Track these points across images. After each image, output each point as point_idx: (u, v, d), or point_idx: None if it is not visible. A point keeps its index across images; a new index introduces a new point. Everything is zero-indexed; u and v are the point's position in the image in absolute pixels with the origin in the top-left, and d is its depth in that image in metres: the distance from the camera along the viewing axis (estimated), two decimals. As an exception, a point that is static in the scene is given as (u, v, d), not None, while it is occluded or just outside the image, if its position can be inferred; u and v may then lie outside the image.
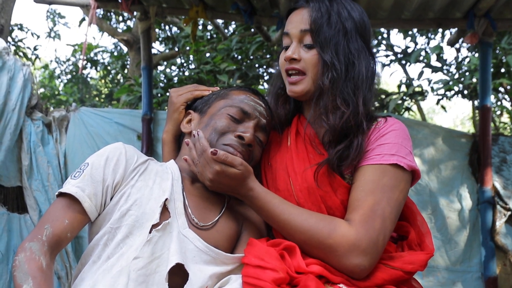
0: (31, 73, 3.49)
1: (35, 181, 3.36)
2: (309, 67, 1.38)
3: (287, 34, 1.43)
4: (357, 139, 1.33)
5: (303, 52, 1.39)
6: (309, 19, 1.38)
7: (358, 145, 1.33)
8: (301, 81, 1.40)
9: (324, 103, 1.36)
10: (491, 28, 3.57)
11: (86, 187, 1.22)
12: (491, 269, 3.62)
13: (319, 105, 1.38)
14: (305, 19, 1.39)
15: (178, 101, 1.51)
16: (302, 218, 1.25)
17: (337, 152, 1.32)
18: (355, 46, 1.37)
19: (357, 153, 1.32)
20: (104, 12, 8.61)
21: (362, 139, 1.34)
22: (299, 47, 1.40)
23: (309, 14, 1.38)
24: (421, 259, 1.26)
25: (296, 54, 1.39)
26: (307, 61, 1.38)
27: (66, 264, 3.34)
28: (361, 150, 1.33)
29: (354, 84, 1.35)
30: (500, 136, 4.14)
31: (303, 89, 1.40)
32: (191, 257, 1.22)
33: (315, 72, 1.38)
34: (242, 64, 5.95)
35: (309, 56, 1.38)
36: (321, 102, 1.37)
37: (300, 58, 1.39)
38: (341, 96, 1.34)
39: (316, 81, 1.38)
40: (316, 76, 1.37)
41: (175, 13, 4.35)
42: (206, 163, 1.27)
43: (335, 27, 1.35)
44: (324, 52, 1.35)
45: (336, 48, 1.35)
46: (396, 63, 6.84)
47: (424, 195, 3.82)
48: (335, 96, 1.34)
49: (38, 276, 1.10)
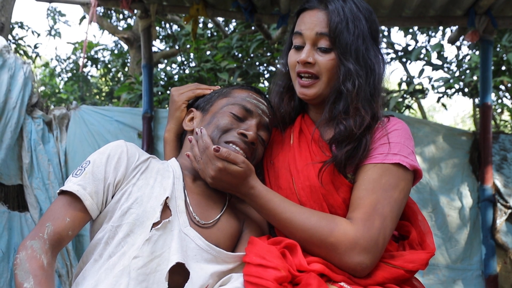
0: (32, 71, 3.48)
1: (36, 179, 3.36)
2: (323, 72, 1.37)
3: (300, 34, 1.40)
4: (365, 138, 1.33)
5: (317, 56, 1.37)
6: (328, 22, 1.34)
7: (367, 144, 1.33)
8: (314, 84, 1.39)
9: (344, 108, 1.35)
10: (492, 26, 3.56)
11: (87, 185, 1.21)
12: (492, 267, 3.62)
13: (336, 109, 1.36)
14: (322, 21, 1.36)
15: (180, 99, 1.51)
16: (304, 217, 1.25)
17: (347, 152, 1.32)
18: (372, 52, 1.37)
19: (364, 152, 1.32)
20: (104, 10, 8.61)
21: (370, 138, 1.34)
22: (313, 50, 1.38)
23: (327, 17, 1.35)
24: (422, 258, 1.26)
25: (310, 58, 1.36)
26: (322, 66, 1.36)
27: (66, 262, 3.34)
28: (368, 149, 1.33)
29: (374, 90, 1.36)
30: (501, 134, 4.13)
31: (315, 93, 1.39)
32: (192, 256, 1.22)
33: (329, 77, 1.37)
34: (243, 62, 5.95)
35: (325, 60, 1.36)
36: (339, 106, 1.36)
37: (315, 61, 1.37)
38: (363, 103, 1.34)
39: (329, 85, 1.37)
40: (330, 80, 1.37)
41: (176, 11, 4.35)
42: (209, 160, 1.26)
43: (354, 33, 1.33)
44: (346, 59, 1.33)
45: (357, 54, 1.33)
46: (396, 61, 6.84)
47: (424, 193, 3.81)
48: (358, 104, 1.33)
49: (39, 274, 1.10)
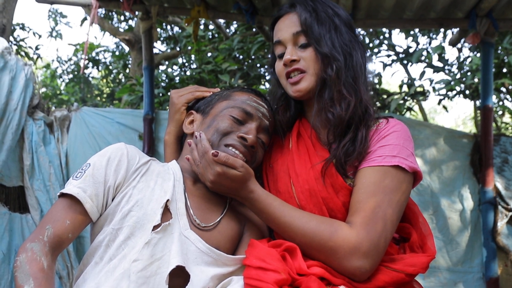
0: (33, 72, 3.49)
1: (37, 181, 3.36)
2: (309, 64, 1.40)
3: (279, 42, 1.46)
4: (361, 132, 1.34)
5: (300, 53, 1.41)
6: (299, 20, 1.41)
7: (363, 137, 1.33)
8: (303, 78, 1.41)
9: (329, 95, 1.38)
10: (493, 28, 3.56)
11: (87, 187, 1.21)
12: (493, 269, 3.62)
13: (323, 98, 1.39)
14: (295, 22, 1.42)
15: (179, 102, 1.51)
16: (303, 221, 1.25)
17: (344, 146, 1.33)
18: (348, 38, 1.41)
19: (362, 146, 1.32)
20: (105, 11, 8.62)
21: (366, 132, 1.35)
22: (294, 49, 1.42)
23: (298, 17, 1.42)
24: (422, 261, 1.25)
25: (294, 55, 1.41)
26: (306, 59, 1.40)
27: (67, 264, 3.34)
28: (366, 143, 1.33)
29: (355, 73, 1.39)
30: (502, 136, 4.13)
31: (306, 86, 1.41)
32: (192, 259, 1.21)
33: (315, 68, 1.40)
34: (244, 64, 5.95)
35: (307, 54, 1.40)
36: (325, 95, 1.39)
37: (299, 58, 1.41)
38: (345, 86, 1.37)
39: (317, 77, 1.40)
40: (317, 71, 1.40)
41: (177, 13, 4.36)
42: (208, 164, 1.27)
43: (325, 23, 1.40)
44: (321, 47, 1.38)
45: (332, 41, 1.39)
46: (397, 63, 6.85)
47: (425, 195, 3.81)
48: (340, 86, 1.36)
49: (39, 277, 1.10)
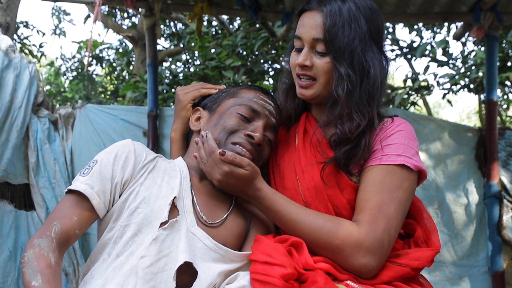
0: (37, 70, 3.50)
1: (42, 178, 3.38)
2: (320, 74, 1.37)
3: (299, 38, 1.40)
4: (365, 138, 1.33)
5: (315, 58, 1.37)
6: (323, 27, 1.33)
7: (366, 144, 1.33)
8: (311, 86, 1.39)
9: (339, 113, 1.35)
10: (497, 22, 3.55)
11: (94, 184, 1.22)
12: (498, 263, 3.62)
13: (333, 113, 1.37)
14: (319, 25, 1.34)
15: (185, 99, 1.52)
16: (310, 219, 1.25)
17: (345, 151, 1.33)
18: (370, 53, 1.35)
19: (364, 151, 1.32)
20: (109, 8, 8.62)
21: (370, 138, 1.34)
22: (311, 52, 1.37)
23: (323, 21, 1.34)
24: (427, 255, 1.26)
25: (308, 61, 1.37)
26: (319, 68, 1.36)
27: (73, 260, 3.36)
28: (369, 148, 1.33)
29: (369, 94, 1.34)
30: (507, 130, 4.12)
31: (313, 94, 1.40)
32: (199, 255, 1.22)
33: (326, 79, 1.36)
34: (248, 60, 5.94)
35: (321, 63, 1.35)
36: (335, 111, 1.36)
37: (312, 64, 1.37)
38: (356, 108, 1.33)
39: (327, 88, 1.37)
40: (326, 82, 1.37)
41: (180, 9, 4.36)
42: (215, 163, 1.27)
43: (349, 35, 1.31)
44: (339, 63, 1.32)
45: (351, 57, 1.32)
46: (401, 58, 6.83)
47: (430, 190, 3.81)
48: (350, 108, 1.33)
49: (47, 272, 1.11)
